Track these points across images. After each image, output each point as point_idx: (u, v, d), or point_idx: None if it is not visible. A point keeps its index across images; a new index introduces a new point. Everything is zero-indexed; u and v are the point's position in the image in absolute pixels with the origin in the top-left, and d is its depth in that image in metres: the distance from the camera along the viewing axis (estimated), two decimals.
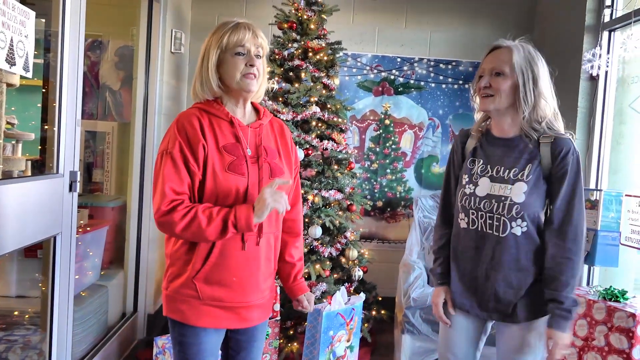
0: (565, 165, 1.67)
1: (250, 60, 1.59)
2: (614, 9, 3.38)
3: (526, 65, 1.74)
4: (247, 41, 1.58)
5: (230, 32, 1.58)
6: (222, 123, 1.60)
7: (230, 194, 1.54)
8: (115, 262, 3.41)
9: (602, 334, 2.61)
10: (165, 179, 1.51)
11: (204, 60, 1.61)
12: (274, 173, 1.63)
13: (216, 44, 1.59)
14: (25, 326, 2.46)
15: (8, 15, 1.55)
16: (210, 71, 1.59)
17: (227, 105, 1.64)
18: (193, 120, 1.56)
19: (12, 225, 1.65)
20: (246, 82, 1.58)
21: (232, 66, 1.58)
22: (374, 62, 4.22)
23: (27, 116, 2.63)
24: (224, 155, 1.56)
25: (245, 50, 1.58)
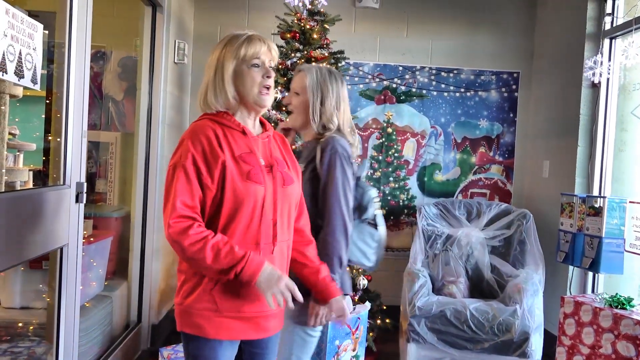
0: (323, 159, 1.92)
1: (267, 72, 1.60)
2: (614, 16, 3.40)
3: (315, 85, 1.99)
4: (262, 53, 1.60)
5: (246, 44, 1.59)
6: (234, 133, 1.59)
7: (249, 204, 1.53)
8: (119, 272, 3.40)
9: (609, 341, 2.60)
10: (177, 193, 1.48)
11: (217, 72, 1.60)
12: (286, 182, 1.64)
13: (232, 55, 1.59)
14: (30, 338, 2.46)
15: (17, 29, 1.56)
16: (227, 82, 1.59)
17: (238, 116, 1.64)
18: (208, 133, 1.55)
19: (18, 237, 1.65)
20: (262, 98, 1.60)
21: (250, 78, 1.58)
22: (376, 70, 4.23)
23: (29, 127, 2.64)
24: (241, 164, 1.55)
25: (261, 62, 1.60)
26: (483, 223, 3.74)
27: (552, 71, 3.97)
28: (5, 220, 1.57)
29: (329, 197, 1.89)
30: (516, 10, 4.29)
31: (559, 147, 3.77)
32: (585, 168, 3.50)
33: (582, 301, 2.81)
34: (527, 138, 4.30)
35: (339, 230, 1.87)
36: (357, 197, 2.02)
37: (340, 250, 1.87)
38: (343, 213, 1.88)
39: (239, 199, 1.52)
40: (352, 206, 1.95)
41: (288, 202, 1.65)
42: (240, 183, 1.52)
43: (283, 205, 1.62)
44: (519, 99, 4.31)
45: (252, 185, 1.53)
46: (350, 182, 1.94)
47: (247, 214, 1.53)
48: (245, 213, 1.53)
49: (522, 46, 4.29)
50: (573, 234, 3.12)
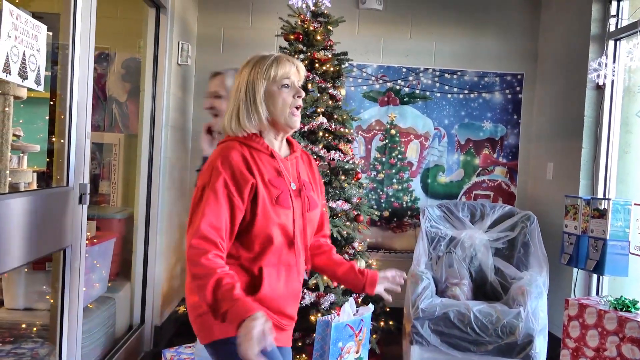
0: None
1: (297, 92, 1.61)
2: (619, 18, 3.39)
3: None
4: (292, 74, 1.61)
5: (276, 65, 1.59)
6: (262, 156, 1.59)
7: (278, 228, 1.54)
8: (122, 273, 3.40)
9: (614, 344, 2.58)
10: (204, 214, 1.46)
11: (248, 93, 1.59)
12: (311, 206, 1.65)
13: (262, 76, 1.58)
14: (33, 339, 2.46)
15: (21, 30, 1.56)
16: (259, 104, 1.58)
17: (266, 138, 1.63)
18: (238, 156, 1.54)
19: (22, 238, 1.65)
20: (293, 120, 1.61)
21: (281, 99, 1.59)
22: (380, 72, 4.23)
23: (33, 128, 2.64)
24: (270, 189, 1.55)
25: (290, 82, 1.61)
26: (487, 225, 3.73)
27: (557, 73, 3.96)
28: (9, 221, 1.57)
29: None
30: (520, 12, 4.28)
31: (563, 148, 3.75)
32: (589, 170, 3.48)
33: (587, 304, 2.79)
34: (531, 140, 4.28)
35: None
36: None
37: None
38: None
39: (270, 223, 1.53)
40: None
41: (312, 226, 1.67)
42: (270, 208, 1.53)
43: (310, 229, 1.65)
44: (522, 100, 4.30)
45: (281, 209, 1.55)
46: None
47: (279, 238, 1.55)
48: (277, 237, 1.54)
49: (526, 48, 4.28)
50: (577, 236, 3.11)
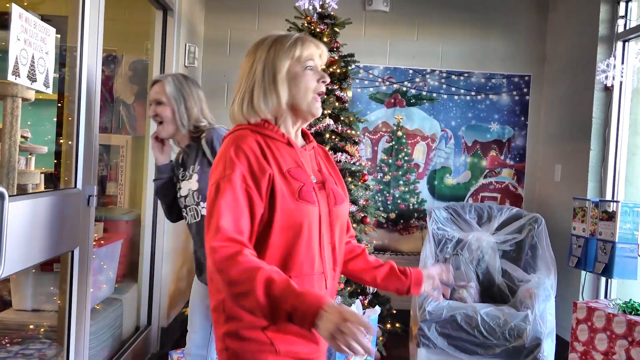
0: (214, 149, 2.00)
1: (322, 76, 1.40)
2: (627, 19, 3.37)
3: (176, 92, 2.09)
4: (316, 56, 1.41)
5: (300, 44, 1.39)
6: (279, 145, 1.38)
7: (302, 227, 1.31)
8: (129, 275, 3.41)
9: (623, 348, 2.56)
10: (222, 211, 1.25)
11: (267, 72, 1.38)
12: (337, 201, 1.43)
13: (285, 54, 1.38)
14: (41, 340, 2.47)
15: (30, 33, 1.57)
16: (280, 84, 1.37)
17: (282, 126, 1.42)
18: (252, 143, 1.33)
19: (29, 240, 1.66)
20: (316, 106, 1.40)
21: (304, 81, 1.38)
22: (386, 74, 4.22)
23: (41, 130, 2.66)
24: (290, 181, 1.33)
25: (314, 65, 1.41)
26: (494, 227, 3.71)
27: (564, 74, 3.94)
28: (17, 223, 1.58)
29: None
30: (527, 13, 4.26)
31: (571, 150, 3.73)
32: (598, 172, 3.46)
33: (595, 307, 2.77)
34: (538, 142, 4.26)
35: None
36: None
37: None
38: None
39: (292, 222, 1.30)
40: None
41: (341, 223, 1.44)
42: (292, 203, 1.31)
43: (339, 226, 1.43)
44: (530, 102, 4.28)
45: (304, 205, 1.32)
46: None
47: (305, 239, 1.32)
48: (302, 238, 1.31)
49: (533, 49, 4.26)
50: (585, 238, 3.09)
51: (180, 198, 2.14)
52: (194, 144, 2.10)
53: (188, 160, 2.12)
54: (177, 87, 2.08)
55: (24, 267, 1.65)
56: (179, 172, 2.17)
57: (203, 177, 2.03)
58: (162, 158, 2.16)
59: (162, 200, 2.21)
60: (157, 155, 2.16)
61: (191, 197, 2.07)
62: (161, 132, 2.11)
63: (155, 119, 2.10)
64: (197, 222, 2.07)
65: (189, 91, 2.11)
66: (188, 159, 2.12)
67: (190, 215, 2.10)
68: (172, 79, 2.10)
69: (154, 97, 2.09)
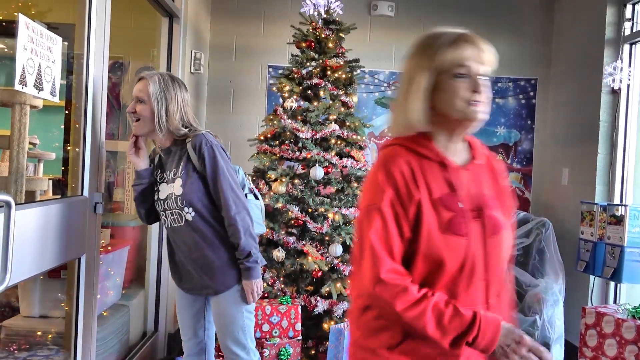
0: (203, 156, 2.01)
1: (475, 86, 1.22)
2: (634, 22, 3.35)
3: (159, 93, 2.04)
4: (470, 59, 1.21)
5: (447, 47, 1.22)
6: (431, 165, 1.26)
7: (445, 262, 1.21)
8: (136, 281, 3.42)
9: (633, 354, 2.54)
10: (376, 241, 1.20)
11: (414, 83, 1.24)
12: (496, 229, 1.27)
13: (427, 63, 1.23)
14: (48, 346, 2.47)
15: (36, 42, 1.58)
16: (418, 100, 1.24)
17: (439, 142, 1.29)
18: (403, 166, 1.23)
19: (36, 247, 1.66)
20: (471, 109, 1.22)
21: (452, 93, 1.22)
22: (392, 78, 4.22)
23: (49, 136, 2.67)
24: (439, 210, 1.23)
25: (468, 71, 1.22)
26: None
27: (571, 77, 3.92)
28: (25, 231, 1.59)
29: (221, 185, 2.02)
30: (533, 16, 4.25)
31: (579, 154, 3.71)
32: (605, 175, 3.44)
33: (604, 312, 2.75)
34: (545, 145, 4.24)
35: (241, 210, 2.03)
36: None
37: (249, 226, 2.05)
38: (238, 195, 2.05)
39: (436, 255, 1.21)
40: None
41: (499, 255, 1.29)
42: (437, 235, 1.21)
43: (495, 259, 1.27)
44: (537, 105, 4.26)
45: (451, 238, 1.21)
46: (231, 166, 2.11)
47: (450, 274, 1.22)
48: (447, 273, 1.22)
49: (539, 52, 4.25)
50: (594, 242, 3.06)
51: (157, 201, 2.11)
52: (176, 147, 2.08)
53: (168, 163, 2.10)
54: (160, 88, 2.03)
55: (31, 274, 1.66)
56: (157, 173, 2.14)
57: (188, 182, 2.02)
58: (140, 163, 2.11)
59: (141, 206, 2.16)
60: (134, 159, 2.11)
61: (173, 201, 2.04)
62: (136, 129, 2.07)
63: (133, 116, 2.06)
64: (181, 226, 2.05)
65: (173, 94, 2.06)
66: (168, 161, 2.10)
67: (171, 219, 2.07)
68: (157, 79, 2.04)
69: (136, 94, 2.05)
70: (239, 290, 2.08)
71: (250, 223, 2.07)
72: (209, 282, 2.08)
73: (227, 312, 2.10)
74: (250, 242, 2.04)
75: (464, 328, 1.16)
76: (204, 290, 2.12)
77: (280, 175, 3.16)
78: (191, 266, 2.09)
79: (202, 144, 2.02)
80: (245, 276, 2.06)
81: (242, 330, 2.12)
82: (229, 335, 2.11)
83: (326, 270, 3.11)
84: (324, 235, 3.14)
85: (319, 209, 3.13)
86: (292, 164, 3.32)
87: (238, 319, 2.11)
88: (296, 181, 3.20)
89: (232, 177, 2.06)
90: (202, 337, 2.27)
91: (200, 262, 2.07)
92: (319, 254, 3.10)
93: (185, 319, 2.25)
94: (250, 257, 2.04)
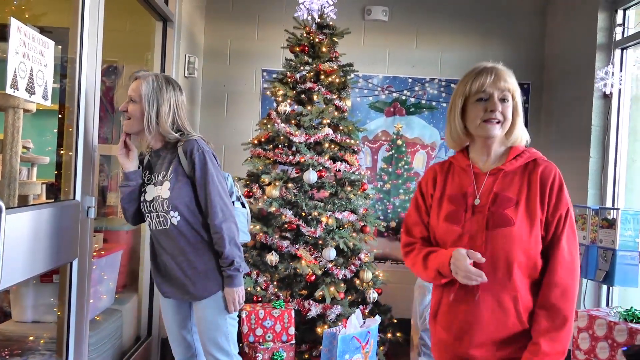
0: (193, 161, 2.02)
1: (491, 105, 1.57)
2: (625, 27, 3.38)
3: (151, 95, 2.04)
4: (488, 86, 1.57)
5: (473, 79, 1.59)
6: (460, 171, 1.67)
7: (443, 243, 1.62)
8: (129, 285, 3.41)
9: None
10: (406, 218, 1.75)
11: (449, 106, 1.67)
12: (495, 223, 1.54)
13: (461, 92, 1.61)
14: (40, 352, 2.46)
15: (28, 46, 1.58)
16: (456, 119, 1.63)
17: (473, 152, 1.67)
18: (428, 173, 1.73)
19: (28, 251, 1.66)
20: (485, 128, 1.58)
21: (473, 113, 1.59)
22: (385, 83, 4.24)
23: (43, 140, 2.66)
24: (444, 205, 1.63)
25: (487, 95, 1.58)
26: None
27: (563, 82, 3.95)
28: (18, 235, 1.58)
29: (210, 192, 2.02)
30: (526, 21, 4.28)
31: (571, 158, 3.73)
32: (597, 179, 3.46)
33: (596, 315, 2.76)
34: (537, 149, 4.21)
35: (228, 219, 2.04)
36: None
37: (235, 235, 2.05)
38: (226, 203, 2.06)
39: (439, 238, 1.63)
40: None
41: (499, 246, 1.53)
42: (440, 223, 1.62)
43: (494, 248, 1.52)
44: (529, 110, 4.28)
45: (450, 226, 1.59)
46: (221, 174, 2.11)
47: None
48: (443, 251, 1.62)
49: (532, 57, 4.28)
50: (586, 246, 3.08)
51: (144, 202, 2.11)
52: (167, 151, 2.09)
53: (157, 165, 2.10)
54: (153, 89, 2.03)
55: (22, 279, 1.65)
56: (144, 174, 2.14)
57: (176, 186, 2.03)
58: (129, 164, 2.10)
59: (127, 206, 2.14)
60: (124, 161, 2.10)
61: (159, 204, 2.04)
62: (126, 127, 2.08)
63: (125, 114, 2.07)
64: (166, 229, 2.05)
65: (166, 96, 2.05)
66: (158, 164, 2.10)
67: (156, 221, 2.07)
68: (152, 80, 2.04)
69: (129, 94, 2.06)
70: (223, 297, 2.09)
71: (236, 232, 2.07)
72: (190, 287, 2.07)
73: (210, 318, 2.10)
74: (235, 251, 2.05)
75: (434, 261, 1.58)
76: (186, 295, 2.11)
77: (274, 179, 3.16)
78: (175, 269, 2.09)
79: (194, 149, 2.02)
80: (227, 283, 2.07)
81: (226, 336, 2.12)
82: (212, 341, 2.10)
83: (320, 274, 3.11)
84: (317, 239, 3.14)
85: (312, 213, 3.14)
86: (285, 168, 3.33)
87: (221, 325, 2.11)
88: (290, 185, 3.20)
89: (221, 184, 2.07)
90: (192, 342, 2.26)
91: (184, 266, 2.07)
92: (312, 257, 3.10)
93: (172, 326, 2.25)
94: (233, 265, 2.04)
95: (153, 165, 2.13)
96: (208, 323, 2.10)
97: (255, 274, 3.11)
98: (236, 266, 2.05)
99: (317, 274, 3.08)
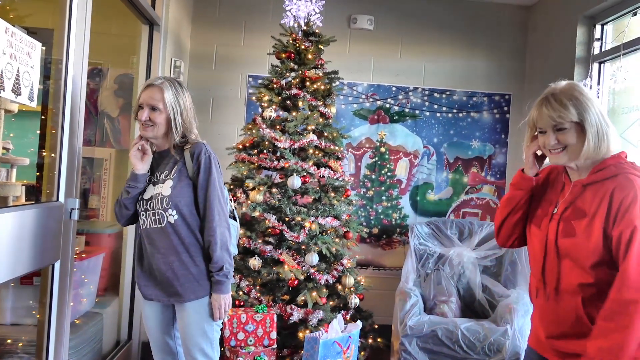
0: (199, 163, 2.06)
1: (546, 139, 1.64)
2: (603, 41, 3.47)
3: (175, 100, 2.08)
4: (541, 120, 1.66)
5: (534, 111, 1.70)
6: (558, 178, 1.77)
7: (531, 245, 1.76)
8: (110, 289, 3.39)
9: None
10: None
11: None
12: (565, 233, 1.62)
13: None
14: (19, 355, 2.43)
15: (15, 47, 1.59)
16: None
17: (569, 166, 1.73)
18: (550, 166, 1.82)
19: (9, 253, 1.65)
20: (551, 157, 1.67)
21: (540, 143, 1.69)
22: (370, 91, 4.28)
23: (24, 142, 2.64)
24: (535, 206, 1.76)
25: (543, 128, 1.66)
26: (475, 243, 3.76)
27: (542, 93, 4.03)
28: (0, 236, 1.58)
29: (210, 195, 2.05)
30: (509, 33, 4.37)
31: None
32: None
33: None
34: (518, 159, 4.34)
35: (223, 223, 2.06)
36: None
37: (227, 241, 2.07)
38: (224, 209, 2.08)
39: (528, 237, 1.78)
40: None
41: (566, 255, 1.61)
42: (530, 224, 1.76)
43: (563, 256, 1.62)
44: (510, 120, 4.37)
45: (534, 229, 1.73)
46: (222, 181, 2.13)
47: (532, 253, 1.75)
48: (530, 252, 1.76)
49: (513, 69, 4.37)
50: None
51: (140, 200, 2.12)
52: (173, 152, 2.12)
53: (161, 165, 2.13)
54: (174, 95, 2.06)
55: (4, 280, 1.64)
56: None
57: (179, 185, 2.05)
58: (141, 166, 2.11)
59: (130, 207, 2.14)
60: (136, 162, 2.10)
61: (158, 202, 2.05)
62: (151, 132, 2.07)
63: (147, 123, 2.06)
64: (160, 227, 2.06)
65: (185, 100, 2.10)
66: (162, 164, 2.14)
67: (151, 219, 2.08)
68: (169, 85, 2.06)
69: (150, 103, 2.04)
70: (209, 303, 2.09)
71: (228, 238, 2.08)
72: (179, 287, 2.07)
73: (196, 324, 2.09)
74: (225, 256, 2.05)
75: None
76: (173, 296, 2.10)
77: (258, 184, 3.17)
78: (165, 270, 2.08)
79: (202, 152, 2.07)
80: (215, 289, 2.07)
81: (210, 343, 2.12)
82: (197, 347, 2.10)
83: (302, 279, 3.13)
84: (300, 244, 3.16)
85: (296, 218, 3.16)
86: (270, 173, 3.34)
87: (207, 331, 2.11)
88: (274, 190, 3.21)
89: (221, 191, 2.10)
90: (174, 347, 2.26)
91: (175, 266, 2.06)
92: (295, 262, 3.12)
93: (154, 332, 2.23)
94: (222, 271, 2.05)
95: (155, 165, 2.16)
96: (194, 329, 2.09)
97: (238, 278, 3.12)
98: (225, 272, 2.06)
99: (299, 279, 3.10)
